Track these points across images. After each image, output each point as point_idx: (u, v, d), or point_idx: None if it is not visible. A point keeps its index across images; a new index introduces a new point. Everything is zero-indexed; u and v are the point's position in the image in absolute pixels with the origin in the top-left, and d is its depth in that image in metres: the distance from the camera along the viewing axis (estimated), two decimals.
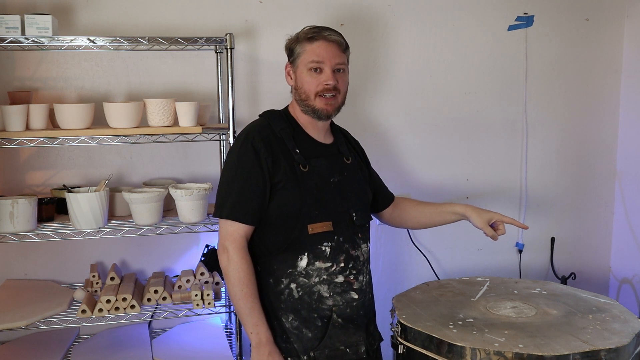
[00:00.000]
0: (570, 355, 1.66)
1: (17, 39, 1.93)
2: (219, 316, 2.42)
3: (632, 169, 2.76)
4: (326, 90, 1.77)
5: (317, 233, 1.76)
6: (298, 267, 1.76)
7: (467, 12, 2.58)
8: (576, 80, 2.74)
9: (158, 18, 2.29)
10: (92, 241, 2.28)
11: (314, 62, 1.76)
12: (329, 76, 1.77)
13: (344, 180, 1.84)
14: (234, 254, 1.72)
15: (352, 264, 1.81)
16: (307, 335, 1.75)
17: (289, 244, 1.75)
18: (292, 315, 1.76)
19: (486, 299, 2.10)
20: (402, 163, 2.61)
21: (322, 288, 1.77)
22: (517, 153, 2.72)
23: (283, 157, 1.76)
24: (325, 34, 1.78)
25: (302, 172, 1.76)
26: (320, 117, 1.81)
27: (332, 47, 1.78)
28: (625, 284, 2.80)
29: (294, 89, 1.83)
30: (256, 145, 1.74)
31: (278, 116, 1.85)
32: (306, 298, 1.76)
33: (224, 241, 1.74)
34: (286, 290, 1.76)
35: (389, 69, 2.51)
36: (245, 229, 1.74)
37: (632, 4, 2.71)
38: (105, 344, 2.21)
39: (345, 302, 1.80)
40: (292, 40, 1.83)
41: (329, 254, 1.77)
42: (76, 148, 2.28)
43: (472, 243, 2.72)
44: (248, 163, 1.73)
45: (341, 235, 1.79)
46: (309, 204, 1.75)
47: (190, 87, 2.35)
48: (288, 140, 1.79)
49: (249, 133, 1.78)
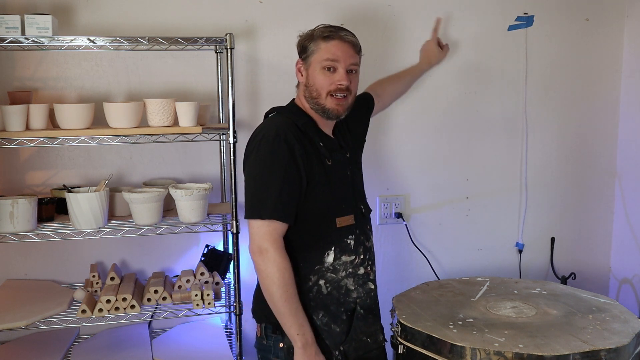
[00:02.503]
0: (570, 355, 1.66)
1: (17, 39, 1.93)
2: (219, 316, 2.42)
3: (632, 169, 2.76)
4: (339, 90, 1.76)
5: (343, 227, 1.78)
6: (325, 262, 1.77)
7: (467, 12, 2.58)
8: (576, 80, 2.74)
9: (158, 18, 2.29)
10: (92, 241, 2.28)
11: (328, 60, 1.75)
12: (342, 76, 1.76)
13: (352, 173, 1.88)
14: (276, 255, 1.67)
15: (368, 255, 1.86)
16: (335, 331, 1.77)
17: (317, 240, 1.76)
18: (322, 311, 1.76)
19: (486, 299, 2.10)
20: (402, 163, 2.61)
21: (348, 282, 1.80)
22: (517, 153, 2.72)
23: (312, 152, 1.75)
24: (342, 34, 1.77)
25: (328, 165, 1.77)
26: (329, 117, 1.80)
27: (347, 47, 1.77)
28: (625, 284, 2.80)
29: (304, 85, 1.81)
30: (289, 142, 1.70)
31: (295, 111, 1.83)
32: (335, 293, 1.78)
33: (261, 242, 1.68)
34: (315, 288, 1.76)
35: (388, 69, 2.51)
36: (283, 228, 1.71)
37: (632, 4, 2.71)
38: (105, 344, 2.21)
39: (366, 293, 1.84)
40: (305, 37, 1.81)
41: (352, 247, 1.80)
42: (76, 148, 2.28)
43: (472, 243, 2.72)
44: (284, 160, 1.69)
45: (358, 227, 1.83)
46: (337, 197, 1.78)
47: (190, 87, 2.35)
48: (313, 134, 1.78)
49: (279, 130, 1.72)
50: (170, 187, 2.10)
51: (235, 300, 2.13)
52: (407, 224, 2.61)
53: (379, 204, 2.57)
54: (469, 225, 2.71)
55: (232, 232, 2.11)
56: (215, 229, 2.19)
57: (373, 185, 2.51)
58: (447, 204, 2.67)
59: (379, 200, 2.57)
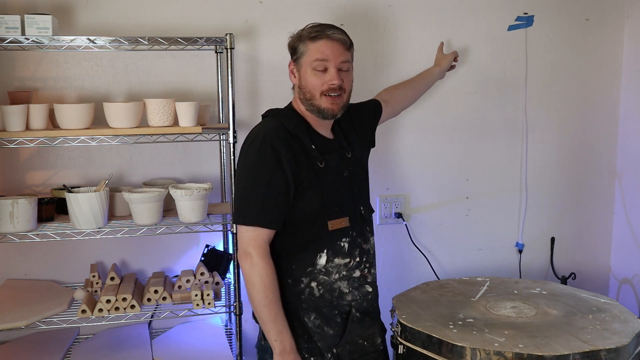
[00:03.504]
0: (570, 355, 1.66)
1: (17, 39, 1.93)
2: (219, 316, 2.42)
3: (632, 169, 2.76)
4: (331, 89, 1.75)
5: (336, 229, 1.77)
6: (317, 265, 1.76)
7: (467, 12, 2.58)
8: (576, 80, 2.74)
9: (158, 18, 2.29)
10: (92, 241, 2.28)
11: (317, 60, 1.74)
12: (333, 76, 1.75)
13: (351, 174, 1.86)
14: (258, 260, 1.68)
15: (365, 258, 1.84)
16: (328, 333, 1.76)
17: (308, 242, 1.75)
18: (314, 314, 1.76)
19: (486, 299, 2.10)
20: (402, 163, 2.61)
21: (342, 284, 1.79)
22: (517, 153, 2.72)
23: (302, 155, 1.74)
24: (329, 33, 1.75)
25: (320, 168, 1.76)
26: (325, 117, 1.79)
27: (336, 45, 1.75)
28: (625, 284, 2.80)
29: (298, 87, 1.81)
30: (276, 147, 1.70)
31: (287, 114, 1.82)
32: (327, 296, 1.77)
33: (246, 246, 1.69)
34: (307, 290, 1.76)
35: (388, 69, 2.51)
36: (268, 234, 1.71)
37: (632, 4, 2.71)
38: (105, 344, 2.21)
39: (362, 295, 1.83)
40: (295, 38, 1.80)
41: (346, 250, 1.79)
42: (76, 148, 2.28)
43: (472, 243, 2.72)
44: (269, 166, 1.69)
45: (355, 230, 1.82)
46: (329, 200, 1.76)
47: (190, 87, 2.35)
48: (303, 136, 1.77)
49: (267, 135, 1.72)
50: (170, 187, 2.10)
51: (235, 300, 2.13)
52: (407, 224, 2.62)
53: (379, 204, 2.57)
54: (469, 225, 2.71)
55: (232, 232, 2.11)
56: (215, 229, 2.19)
57: (373, 185, 2.48)
58: (447, 204, 2.67)
59: (379, 200, 2.57)
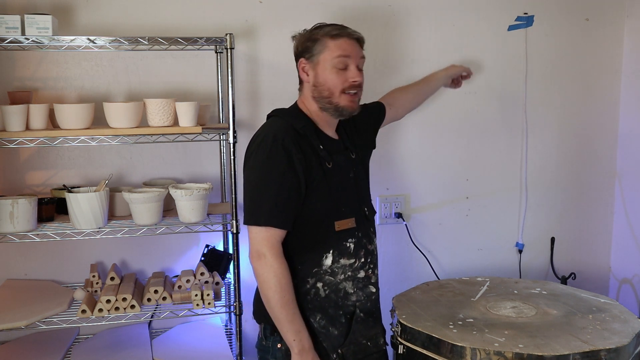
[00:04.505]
0: (570, 355, 1.66)
1: (17, 39, 1.93)
2: (219, 316, 2.42)
3: (632, 169, 2.76)
4: (352, 87, 1.76)
5: (343, 230, 1.77)
6: (323, 265, 1.76)
7: (467, 12, 2.58)
8: (576, 80, 2.74)
9: (158, 18, 2.29)
10: (92, 241, 2.28)
11: (340, 57, 1.74)
12: (355, 73, 1.76)
13: (356, 175, 1.87)
14: (273, 261, 1.67)
15: (369, 259, 1.85)
16: (333, 333, 1.76)
17: (315, 243, 1.75)
18: (320, 314, 1.76)
19: (486, 299, 2.10)
20: (402, 163, 2.61)
21: (347, 285, 1.79)
22: (517, 153, 2.72)
23: (312, 155, 1.74)
24: (349, 31, 1.78)
25: (328, 168, 1.76)
26: (342, 115, 1.79)
27: (355, 44, 1.78)
28: (625, 284, 2.80)
29: (312, 86, 1.79)
30: (287, 146, 1.69)
31: (295, 114, 1.81)
32: (332, 296, 1.77)
33: (259, 247, 1.68)
34: (312, 290, 1.76)
35: (388, 69, 2.51)
36: (281, 234, 1.70)
37: (632, 4, 2.71)
38: (105, 344, 2.21)
39: (366, 296, 1.83)
40: (306, 37, 1.79)
41: (352, 250, 1.79)
42: (76, 148, 2.28)
43: (472, 243, 2.72)
44: (281, 166, 1.68)
45: (360, 230, 1.82)
46: (337, 200, 1.76)
47: (190, 87, 2.35)
48: (312, 137, 1.76)
49: (277, 134, 1.71)
50: (170, 187, 2.10)
51: (235, 300, 2.13)
52: (407, 224, 2.62)
53: (379, 204, 2.57)
54: (469, 225, 2.71)
55: (232, 232, 2.11)
56: (215, 229, 2.19)
57: (373, 185, 2.47)
58: (447, 204, 2.67)
59: (379, 200, 2.57)
